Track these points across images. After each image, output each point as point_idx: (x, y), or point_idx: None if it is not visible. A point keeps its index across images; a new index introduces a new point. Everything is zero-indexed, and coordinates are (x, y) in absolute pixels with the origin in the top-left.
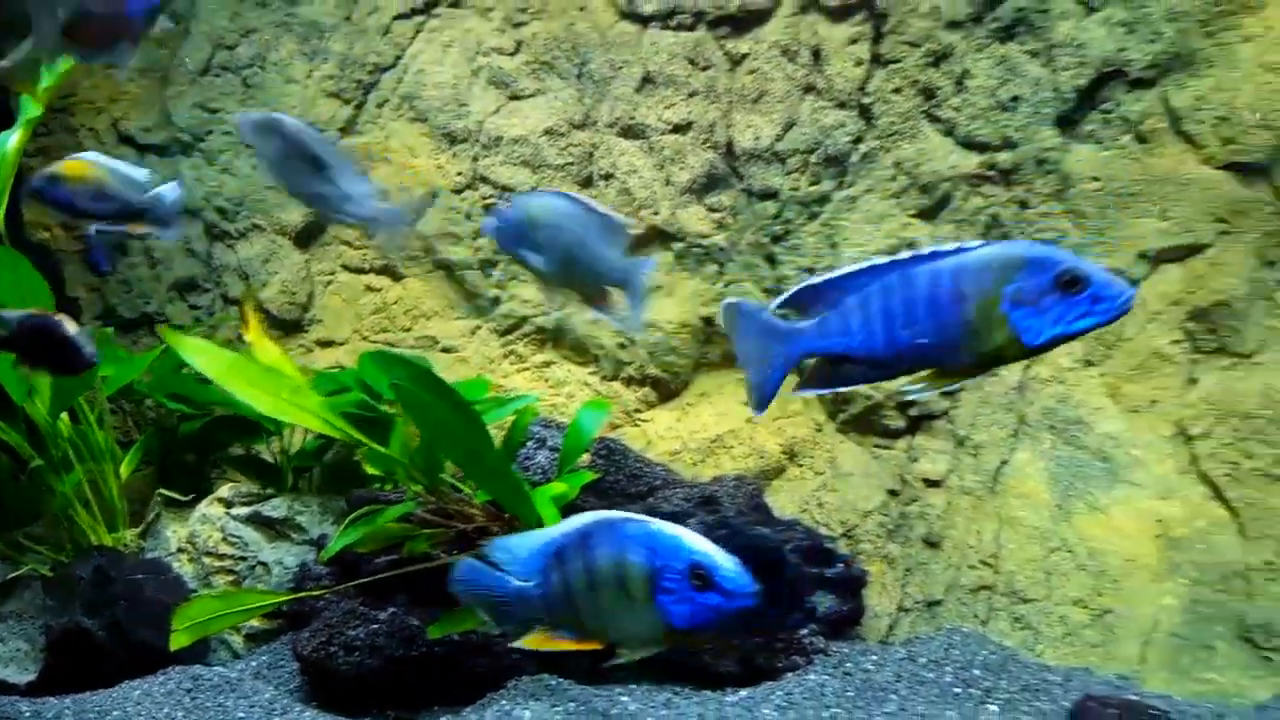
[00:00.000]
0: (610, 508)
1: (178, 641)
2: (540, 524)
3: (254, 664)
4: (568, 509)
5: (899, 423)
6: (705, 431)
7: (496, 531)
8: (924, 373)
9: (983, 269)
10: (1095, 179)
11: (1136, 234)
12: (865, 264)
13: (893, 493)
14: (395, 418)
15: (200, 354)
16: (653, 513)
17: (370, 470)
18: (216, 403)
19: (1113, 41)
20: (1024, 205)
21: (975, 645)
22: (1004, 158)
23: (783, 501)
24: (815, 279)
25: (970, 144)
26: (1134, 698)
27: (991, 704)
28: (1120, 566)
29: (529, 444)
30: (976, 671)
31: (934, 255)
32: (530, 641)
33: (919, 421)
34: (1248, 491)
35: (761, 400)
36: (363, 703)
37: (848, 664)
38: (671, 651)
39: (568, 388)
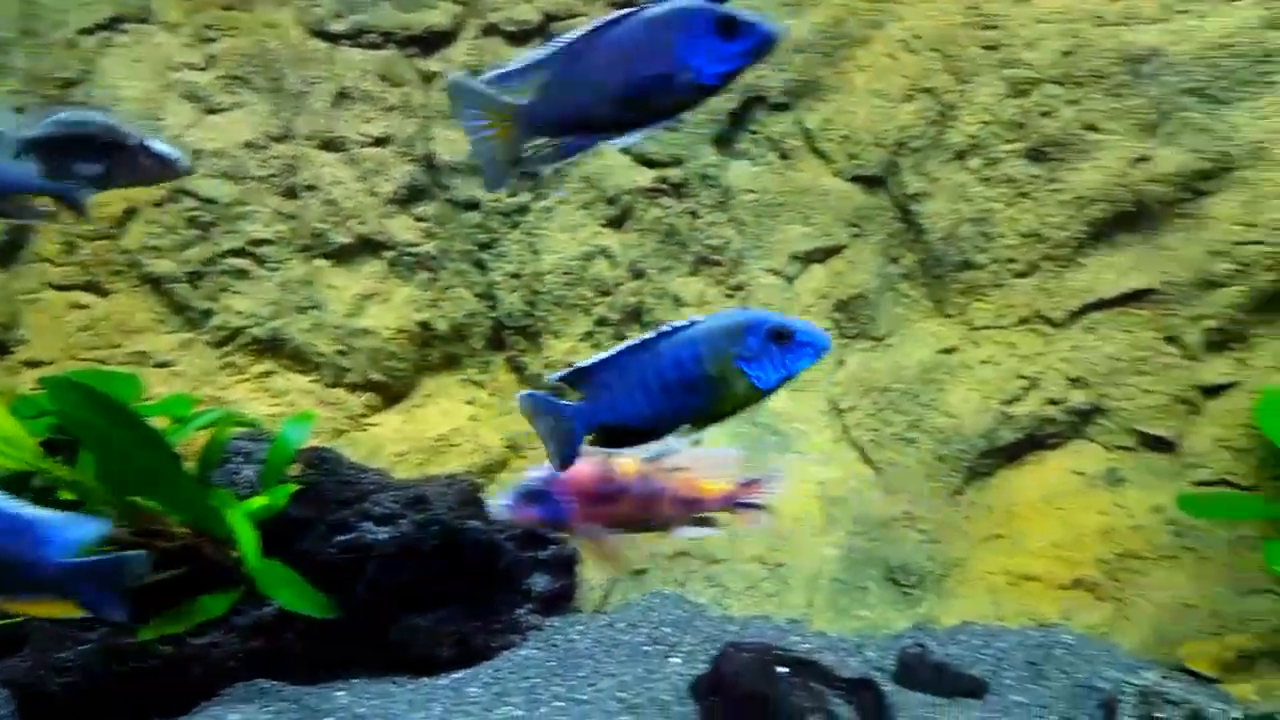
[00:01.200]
0: (321, 515)
1: None
2: (235, 542)
3: None
4: (275, 521)
5: None
6: (431, 431)
7: (203, 548)
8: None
9: (714, 338)
10: (750, 191)
11: (788, 238)
12: (622, 346)
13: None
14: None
15: None
16: (365, 517)
17: (64, 496)
18: None
19: (753, 70)
20: (695, 215)
21: (672, 606)
22: (674, 173)
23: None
24: (584, 362)
25: (645, 161)
26: (770, 642)
27: (675, 656)
28: (790, 525)
29: (236, 459)
30: (667, 629)
31: (674, 331)
32: None
33: None
34: (888, 454)
35: (564, 464)
36: None
37: (556, 637)
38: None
39: (289, 397)
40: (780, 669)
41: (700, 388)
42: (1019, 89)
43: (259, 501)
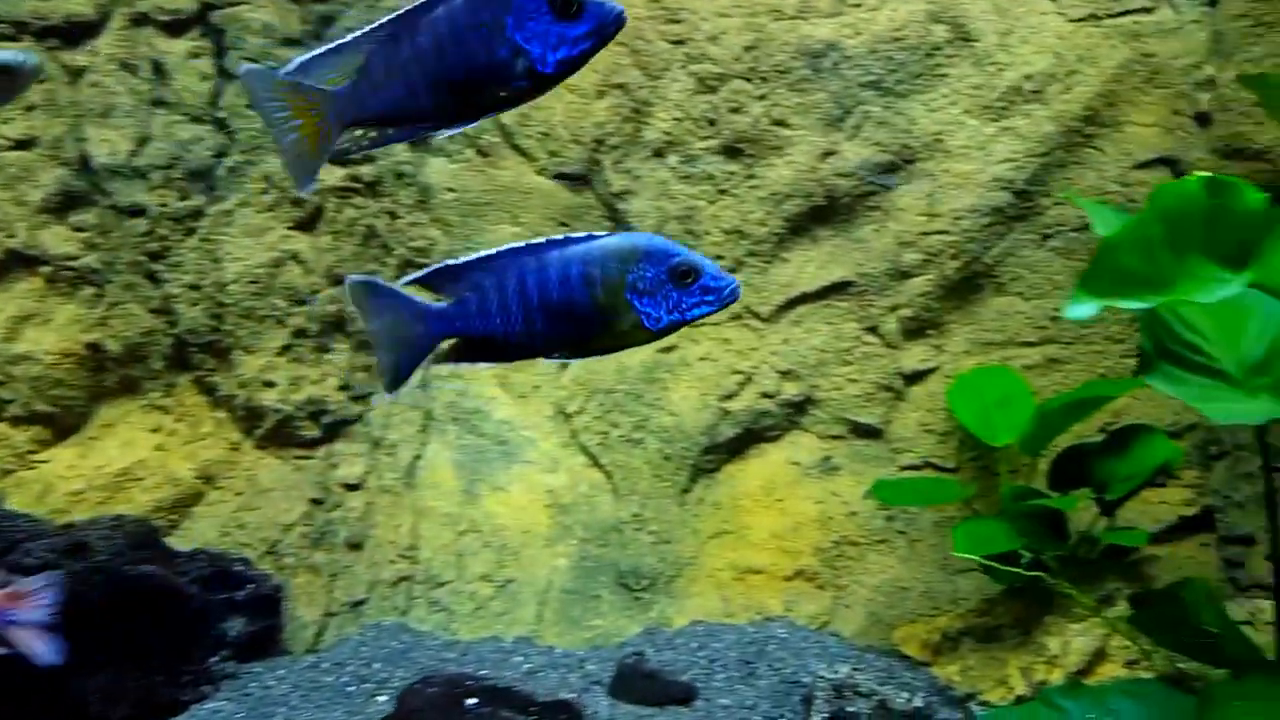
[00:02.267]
0: None
1: None
2: None
3: None
4: None
5: (315, 432)
6: (111, 466)
7: None
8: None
9: (609, 260)
10: (451, 189)
11: (497, 238)
12: (505, 247)
13: (316, 502)
14: None
15: None
16: (16, 569)
17: None
18: None
19: None
20: (394, 216)
21: (390, 638)
22: (366, 170)
23: (203, 528)
24: (455, 260)
25: (331, 157)
26: (466, 672)
27: (382, 694)
28: (519, 538)
29: None
30: (377, 665)
31: (567, 243)
32: None
33: (335, 428)
34: (616, 456)
35: (395, 382)
36: None
37: (252, 685)
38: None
39: None
40: (469, 700)
41: (583, 314)
42: (708, 85)
43: None
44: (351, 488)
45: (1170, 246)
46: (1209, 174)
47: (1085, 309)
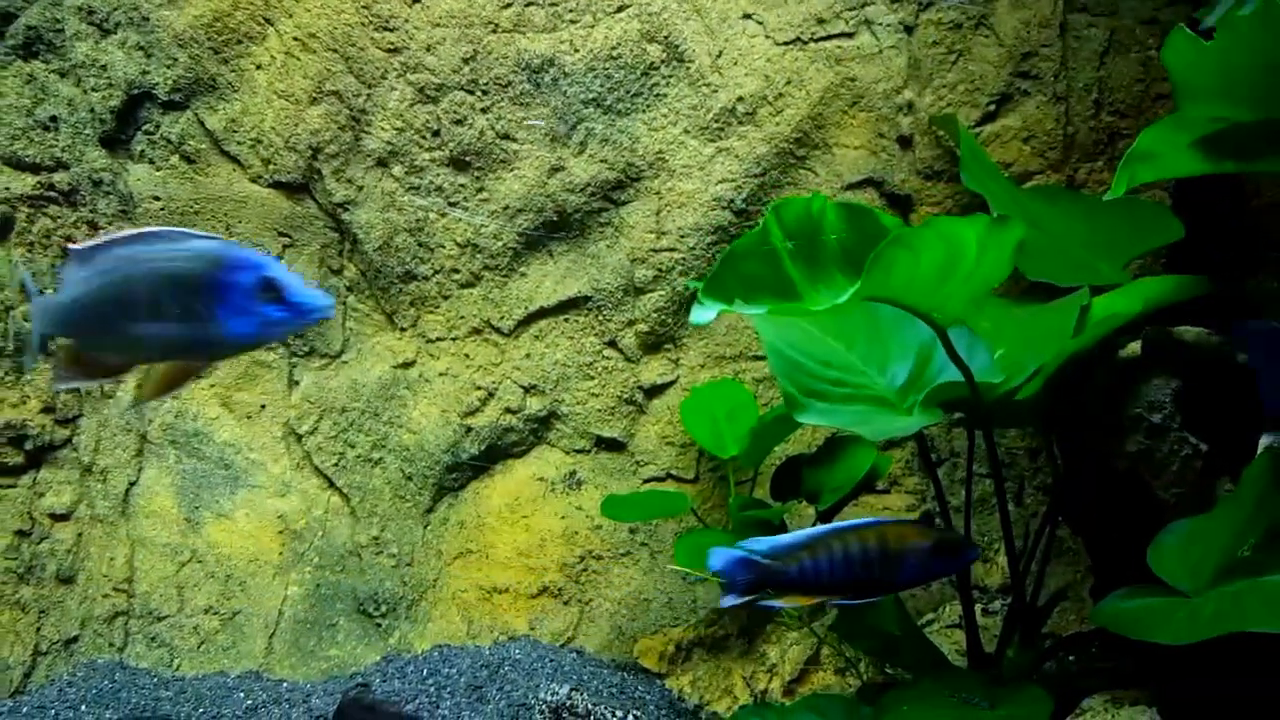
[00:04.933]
0: None
1: None
2: None
3: None
4: None
5: (18, 459)
6: None
7: None
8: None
9: (201, 260)
10: (156, 198)
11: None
12: (124, 233)
13: (22, 533)
14: None
15: None
16: None
17: None
18: None
19: (133, 64)
20: (94, 226)
21: (101, 676)
22: (59, 178)
23: None
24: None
25: (18, 164)
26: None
27: None
28: (247, 567)
29: None
30: (84, 708)
31: (173, 237)
32: None
33: (40, 454)
34: (354, 477)
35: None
36: None
37: None
38: None
39: None
40: None
41: (170, 313)
42: (428, 95)
43: None
44: (59, 517)
45: (800, 259)
46: (840, 201)
47: (707, 313)
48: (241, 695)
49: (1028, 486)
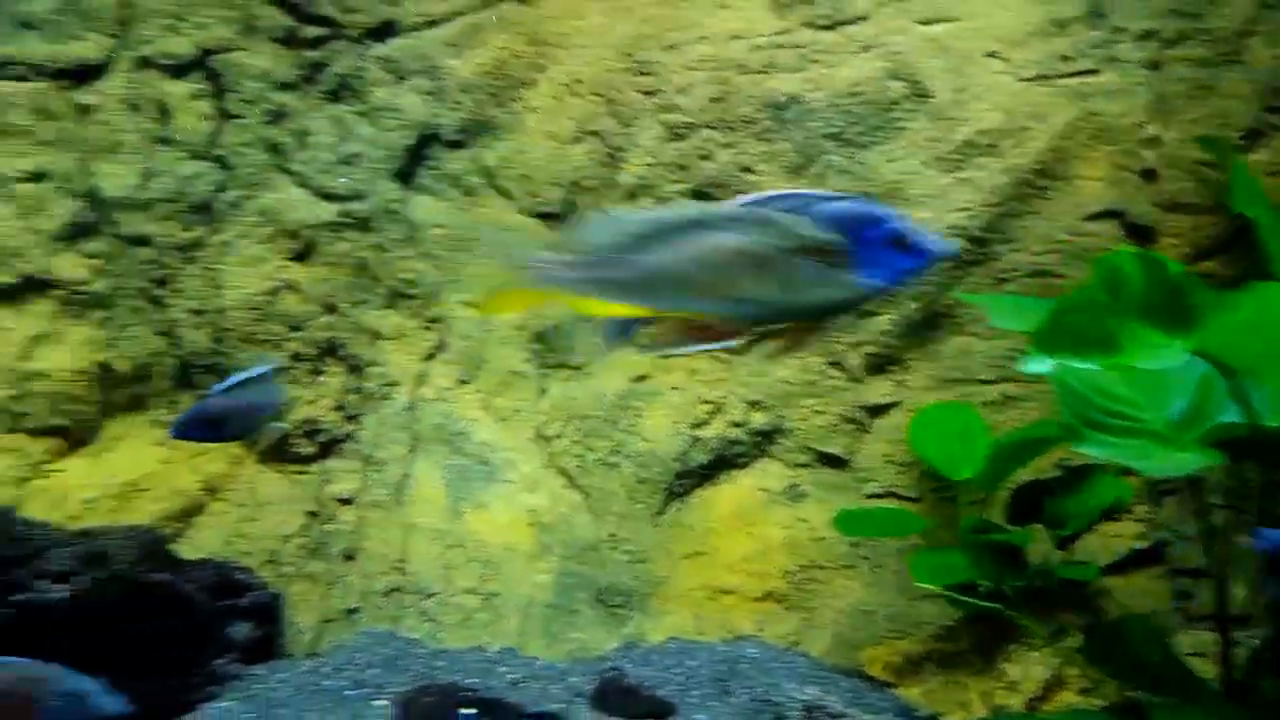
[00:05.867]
0: None
1: None
2: None
3: None
4: None
5: (312, 449)
6: (121, 476)
7: None
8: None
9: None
10: (438, 226)
11: (481, 272)
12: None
13: (312, 514)
14: None
15: None
16: (40, 575)
17: None
18: None
19: (424, 107)
20: (383, 249)
21: (382, 645)
22: (358, 207)
23: (207, 537)
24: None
25: (325, 195)
26: (459, 682)
27: (380, 699)
28: (502, 554)
29: None
30: (374, 671)
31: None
32: None
33: (329, 446)
34: (593, 479)
35: None
36: None
37: (256, 686)
38: None
39: None
40: (465, 711)
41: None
42: (677, 133)
43: None
44: (344, 502)
45: (1114, 313)
46: (1139, 250)
47: (1040, 365)
48: (504, 670)
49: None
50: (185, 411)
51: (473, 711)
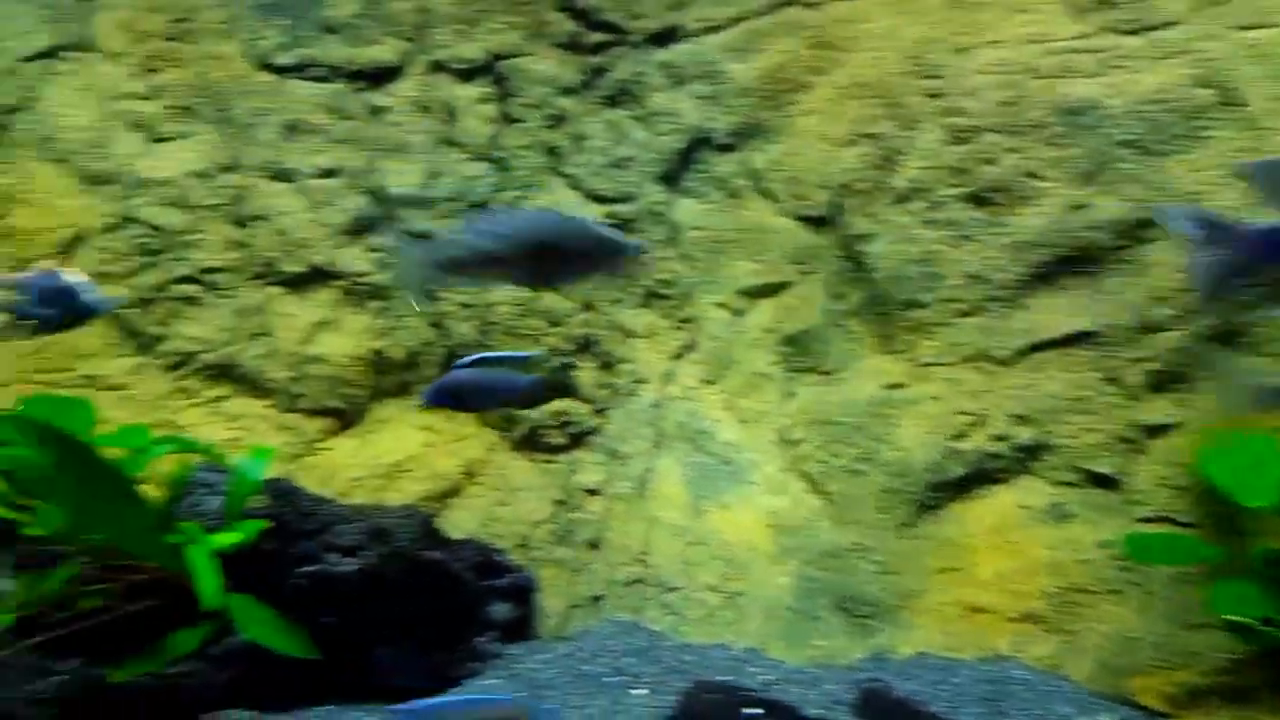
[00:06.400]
0: (284, 547)
1: None
2: (195, 576)
3: None
4: (240, 555)
5: (561, 440)
6: (386, 458)
7: (169, 581)
8: None
9: None
10: (699, 228)
11: (736, 274)
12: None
13: (560, 503)
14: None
15: None
16: (329, 549)
17: (29, 532)
18: None
19: (699, 111)
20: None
21: (628, 634)
22: (624, 209)
23: (463, 519)
24: None
25: (595, 197)
26: (736, 681)
27: (638, 688)
28: (744, 554)
29: (200, 490)
30: (629, 659)
31: None
32: None
33: (577, 438)
34: (839, 485)
35: None
36: None
37: (517, 665)
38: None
39: (244, 421)
40: (750, 710)
41: None
42: (960, 136)
43: (229, 538)
44: (591, 493)
45: None
46: None
47: None
48: (754, 670)
49: None
50: (434, 382)
51: (759, 711)
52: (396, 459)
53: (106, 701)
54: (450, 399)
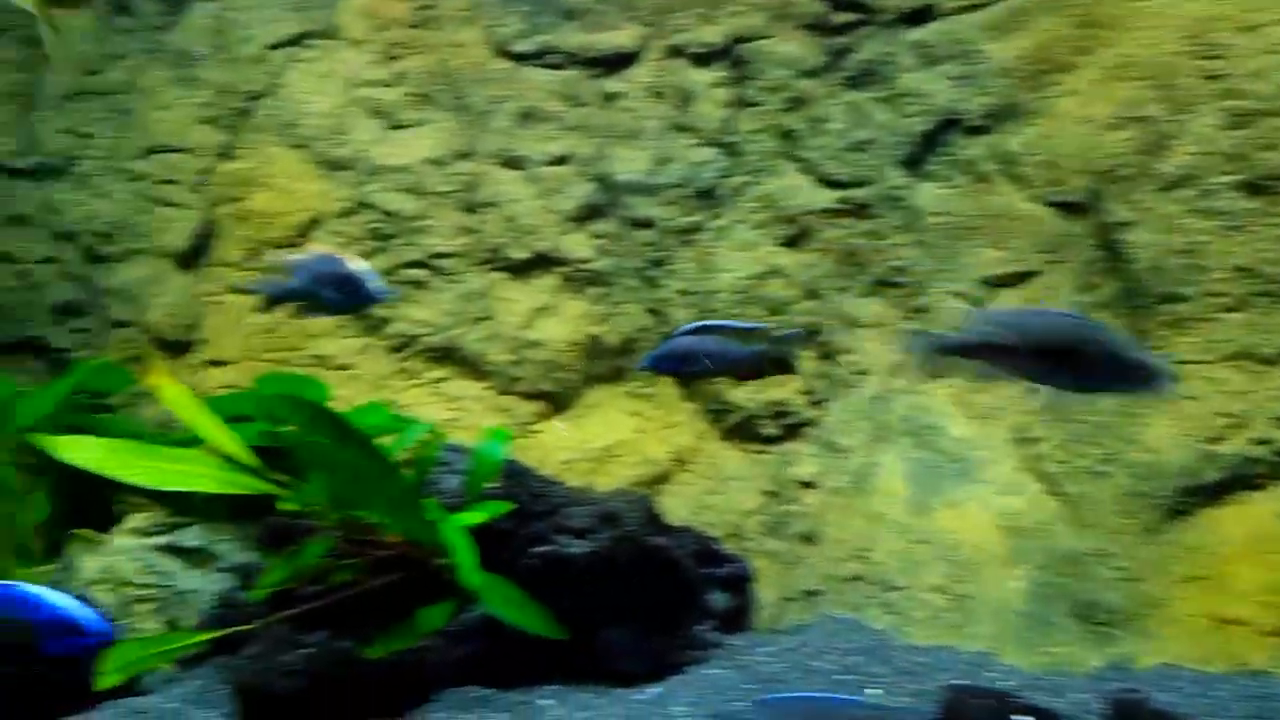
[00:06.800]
0: (518, 527)
1: (106, 682)
2: (451, 555)
3: (185, 690)
4: (475, 533)
5: (773, 430)
6: (596, 442)
7: (418, 557)
8: None
9: None
10: (939, 213)
11: (978, 262)
12: None
13: (771, 494)
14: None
15: (75, 450)
16: (560, 530)
17: (284, 506)
18: (117, 432)
19: (951, 92)
20: (877, 236)
21: (850, 631)
22: (858, 193)
23: (673, 505)
24: None
25: (828, 181)
26: (999, 689)
27: (872, 688)
28: (973, 555)
29: (437, 469)
30: (857, 658)
31: None
32: None
33: (792, 429)
34: (1080, 487)
35: None
36: None
37: (740, 657)
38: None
39: (462, 403)
40: (1019, 718)
41: None
42: (1239, 120)
43: (477, 516)
44: (806, 485)
45: None
46: None
47: None
48: (991, 675)
49: None
50: (655, 348)
51: (1029, 718)
52: (606, 443)
53: (354, 674)
54: (669, 364)
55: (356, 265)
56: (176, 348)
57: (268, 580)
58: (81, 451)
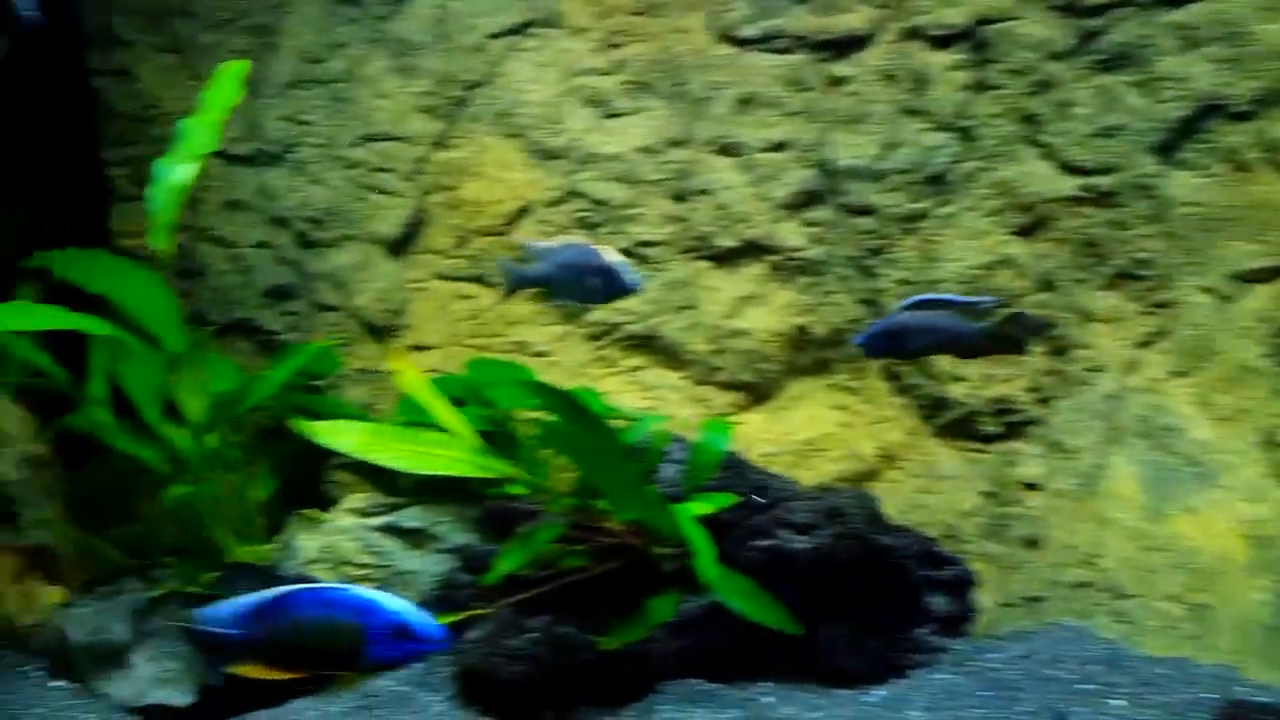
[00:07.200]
0: (740, 520)
1: None
2: (688, 542)
3: (409, 674)
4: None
5: (994, 428)
6: (797, 435)
7: (639, 545)
8: None
9: None
10: (1191, 203)
11: (1230, 255)
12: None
13: (989, 495)
14: (528, 438)
15: (335, 435)
16: (782, 524)
17: (511, 490)
18: (335, 414)
19: (1214, 76)
20: (1121, 226)
21: (1080, 640)
22: (1103, 181)
23: (884, 505)
24: None
25: (1070, 168)
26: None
27: (1114, 699)
28: (1213, 563)
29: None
30: (1096, 668)
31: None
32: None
33: (1015, 427)
34: None
35: None
36: (524, 708)
37: (969, 663)
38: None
39: (659, 392)
40: None
41: None
42: None
43: (705, 506)
44: (1030, 487)
45: None
46: None
47: None
48: (1242, 690)
49: None
50: (871, 325)
51: None
52: (809, 436)
53: (580, 663)
54: (889, 342)
55: (611, 256)
56: (382, 332)
57: (504, 565)
58: (341, 436)
